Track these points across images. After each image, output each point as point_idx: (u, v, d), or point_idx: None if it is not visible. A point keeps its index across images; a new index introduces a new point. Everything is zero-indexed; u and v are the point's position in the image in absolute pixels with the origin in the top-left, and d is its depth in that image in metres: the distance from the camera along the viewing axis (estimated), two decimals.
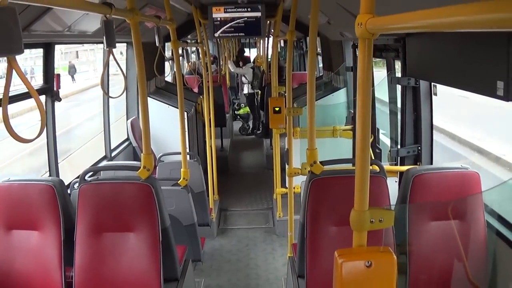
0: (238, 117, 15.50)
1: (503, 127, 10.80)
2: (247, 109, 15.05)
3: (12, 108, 2.03)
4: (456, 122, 12.41)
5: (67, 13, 4.47)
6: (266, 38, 13.83)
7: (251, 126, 15.16)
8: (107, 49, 3.51)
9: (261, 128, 14.44)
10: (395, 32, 1.51)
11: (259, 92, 14.26)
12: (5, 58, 1.81)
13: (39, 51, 5.28)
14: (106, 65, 4.11)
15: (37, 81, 9.91)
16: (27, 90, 1.97)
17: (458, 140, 11.93)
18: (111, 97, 4.84)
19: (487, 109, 10.40)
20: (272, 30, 10.23)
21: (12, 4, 1.78)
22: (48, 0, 2.36)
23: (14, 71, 1.83)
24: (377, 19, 1.78)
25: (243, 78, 14.81)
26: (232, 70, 15.04)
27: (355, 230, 2.09)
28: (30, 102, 4.65)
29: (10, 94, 1.84)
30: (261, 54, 18.27)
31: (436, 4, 1.34)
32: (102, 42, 3.45)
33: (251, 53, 24.51)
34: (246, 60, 15.04)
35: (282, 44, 17.83)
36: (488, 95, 3.01)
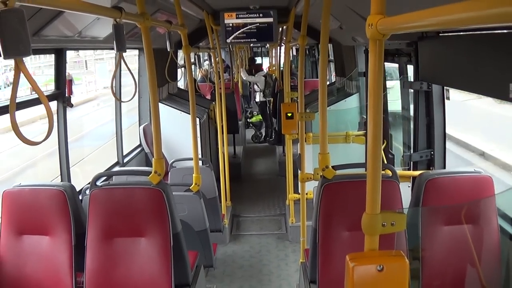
0: (251, 125, 15.51)
1: None
2: (260, 117, 15.06)
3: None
4: None
5: (78, 18, 4.48)
6: (278, 46, 13.84)
7: (263, 134, 15.17)
8: (118, 53, 3.50)
9: (273, 135, 14.43)
10: (407, 31, 1.49)
11: (271, 100, 14.26)
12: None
13: (46, 61, 5.31)
14: (117, 68, 4.11)
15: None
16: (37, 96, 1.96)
17: None
18: (122, 102, 4.84)
19: None
20: (284, 38, 10.23)
21: (20, 6, 1.77)
22: (57, 3, 2.35)
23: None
24: (388, 19, 1.76)
25: (255, 87, 14.83)
26: (244, 78, 15.06)
27: (366, 234, 2.07)
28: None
29: (22, 99, 1.84)
30: (274, 62, 18.27)
31: (446, 2, 1.32)
32: (113, 48, 3.45)
33: (263, 62, 24.44)
34: (258, 68, 15.06)
35: (294, 53, 17.82)
36: (501, 98, 2.99)
